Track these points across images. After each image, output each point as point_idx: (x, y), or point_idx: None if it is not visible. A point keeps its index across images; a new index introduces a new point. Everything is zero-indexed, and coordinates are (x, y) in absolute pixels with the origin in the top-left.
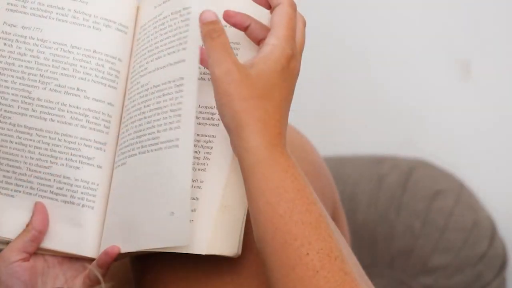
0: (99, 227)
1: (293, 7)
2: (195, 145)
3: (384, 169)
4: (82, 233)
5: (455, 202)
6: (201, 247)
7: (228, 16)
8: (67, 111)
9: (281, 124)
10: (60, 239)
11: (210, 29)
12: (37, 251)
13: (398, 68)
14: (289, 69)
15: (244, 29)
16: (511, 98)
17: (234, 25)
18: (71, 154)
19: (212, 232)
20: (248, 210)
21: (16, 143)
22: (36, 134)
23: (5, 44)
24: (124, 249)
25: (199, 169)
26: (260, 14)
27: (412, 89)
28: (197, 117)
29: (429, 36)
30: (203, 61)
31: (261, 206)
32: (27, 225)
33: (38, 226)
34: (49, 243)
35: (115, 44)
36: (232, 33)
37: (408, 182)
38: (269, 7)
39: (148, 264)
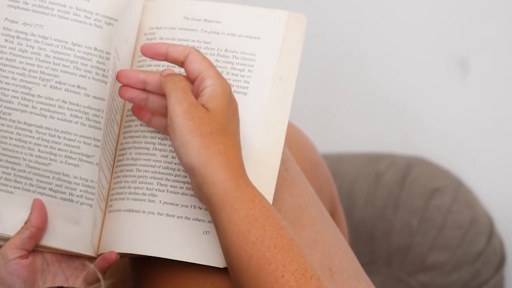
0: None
1: (199, 51)
2: None
3: (381, 167)
4: (80, 231)
5: (453, 200)
6: (220, 260)
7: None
8: (67, 109)
9: (240, 156)
10: (58, 236)
11: (171, 76)
12: (36, 249)
13: (395, 66)
14: (233, 101)
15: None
16: (508, 95)
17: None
18: (70, 152)
19: None
20: None
21: (16, 139)
22: (36, 131)
23: (6, 40)
24: (119, 250)
25: None
26: None
27: (409, 87)
28: None
29: (427, 34)
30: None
31: (233, 237)
32: (26, 222)
33: (36, 223)
34: (47, 241)
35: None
36: None
37: (406, 179)
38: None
39: (147, 262)
